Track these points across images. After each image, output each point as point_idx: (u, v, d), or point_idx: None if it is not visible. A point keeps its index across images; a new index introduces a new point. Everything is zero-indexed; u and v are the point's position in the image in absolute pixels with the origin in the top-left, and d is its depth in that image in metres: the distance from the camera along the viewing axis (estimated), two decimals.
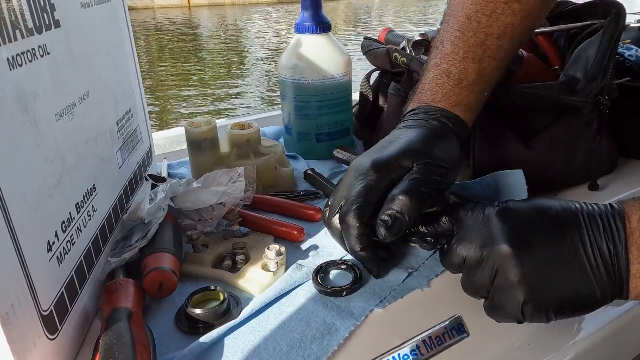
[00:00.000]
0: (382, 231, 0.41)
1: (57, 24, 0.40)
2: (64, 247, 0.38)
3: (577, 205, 0.38)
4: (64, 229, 0.39)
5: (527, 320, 0.37)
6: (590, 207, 0.37)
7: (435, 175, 0.43)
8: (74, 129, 0.42)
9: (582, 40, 0.62)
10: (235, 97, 5.17)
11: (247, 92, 5.37)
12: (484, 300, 0.40)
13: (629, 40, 0.77)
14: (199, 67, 6.62)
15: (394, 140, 0.46)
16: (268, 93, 5.29)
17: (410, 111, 0.50)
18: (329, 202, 0.47)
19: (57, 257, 0.37)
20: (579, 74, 0.59)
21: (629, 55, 0.66)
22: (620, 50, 0.68)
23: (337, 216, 0.44)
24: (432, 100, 0.49)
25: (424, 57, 0.64)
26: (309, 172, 0.67)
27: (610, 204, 0.37)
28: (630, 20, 0.83)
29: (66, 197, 0.40)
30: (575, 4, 0.68)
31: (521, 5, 0.48)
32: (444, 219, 0.42)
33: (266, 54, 7.40)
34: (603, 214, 0.36)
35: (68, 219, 0.40)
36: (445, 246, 0.41)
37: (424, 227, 0.43)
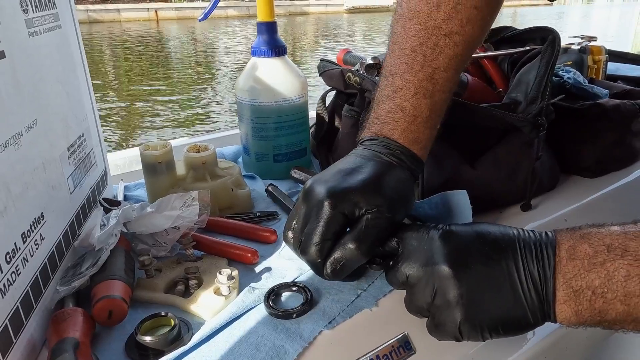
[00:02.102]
0: (329, 273, 0.43)
1: (1, 55, 0.40)
2: (8, 279, 0.38)
3: (515, 232, 0.40)
4: (9, 260, 0.39)
5: (464, 339, 0.39)
6: (526, 234, 0.39)
7: (387, 221, 0.43)
8: (20, 158, 0.42)
9: (523, 65, 0.65)
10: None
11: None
12: (427, 319, 0.42)
13: (570, 62, 0.82)
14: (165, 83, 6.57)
15: (352, 172, 0.45)
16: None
17: (370, 139, 0.49)
18: (293, 227, 0.46)
19: (1, 289, 0.37)
20: (520, 96, 0.62)
21: (568, 77, 0.70)
22: (560, 72, 0.72)
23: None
24: (391, 135, 0.49)
25: (377, 78, 0.66)
26: (269, 188, 0.68)
27: (545, 232, 0.39)
28: (573, 41, 0.88)
29: (11, 227, 0.40)
30: (516, 29, 0.71)
31: (462, 36, 0.49)
32: (391, 240, 0.44)
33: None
34: (537, 241, 0.38)
35: (13, 249, 0.39)
36: (392, 263, 0.43)
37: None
